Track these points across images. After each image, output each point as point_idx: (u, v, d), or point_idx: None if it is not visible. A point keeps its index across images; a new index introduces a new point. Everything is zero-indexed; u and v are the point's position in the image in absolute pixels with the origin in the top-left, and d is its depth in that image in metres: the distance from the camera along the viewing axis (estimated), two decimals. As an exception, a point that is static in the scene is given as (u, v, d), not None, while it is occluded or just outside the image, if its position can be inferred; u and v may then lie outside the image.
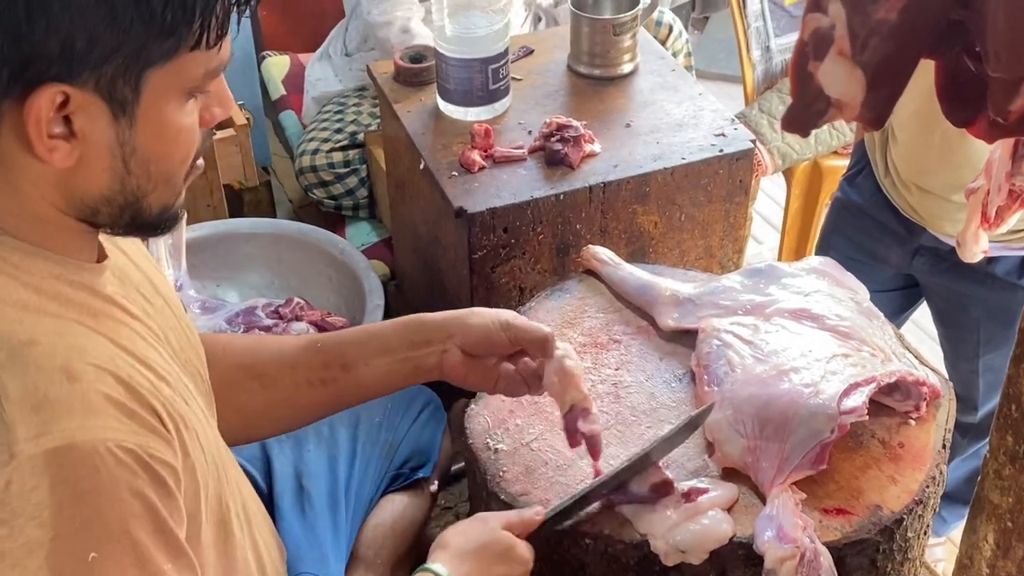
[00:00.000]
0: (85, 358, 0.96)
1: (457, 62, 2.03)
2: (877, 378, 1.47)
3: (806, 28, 1.11)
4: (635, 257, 2.01)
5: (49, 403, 0.92)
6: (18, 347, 0.94)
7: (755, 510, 1.41)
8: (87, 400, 0.94)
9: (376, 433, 1.74)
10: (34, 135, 0.96)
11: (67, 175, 1.00)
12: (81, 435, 0.93)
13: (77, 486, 0.92)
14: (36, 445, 0.91)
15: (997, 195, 1.51)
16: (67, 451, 0.92)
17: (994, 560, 1.33)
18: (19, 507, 0.90)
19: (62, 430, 0.92)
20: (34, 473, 0.90)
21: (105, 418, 0.95)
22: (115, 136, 1.00)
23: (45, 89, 0.95)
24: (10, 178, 1.00)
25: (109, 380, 0.97)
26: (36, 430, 0.91)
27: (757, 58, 2.75)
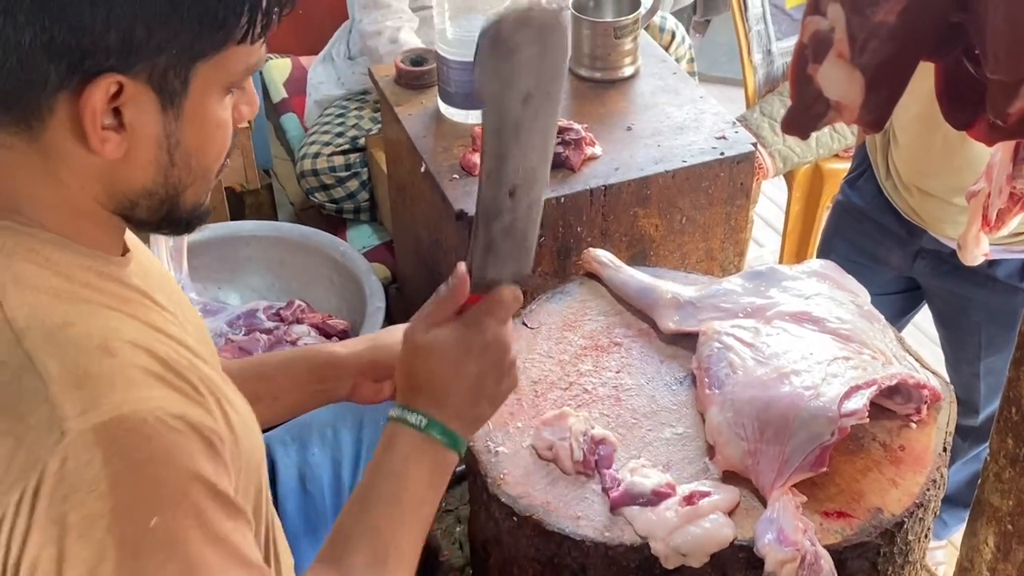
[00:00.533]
0: (120, 336, 0.97)
1: (458, 65, 2.03)
2: (878, 381, 1.47)
3: (805, 31, 1.11)
4: (636, 260, 2.01)
5: (91, 379, 0.93)
6: (53, 329, 0.95)
7: (756, 513, 1.41)
8: (127, 374, 0.95)
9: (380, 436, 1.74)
10: (89, 126, 0.97)
11: (113, 167, 1.01)
12: (128, 407, 0.93)
13: (131, 456, 0.92)
14: (84, 421, 0.91)
15: (998, 198, 1.51)
16: (116, 423, 0.92)
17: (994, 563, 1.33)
18: (77, 482, 0.90)
19: (108, 403, 0.93)
20: (87, 448, 0.91)
21: (148, 389, 0.95)
22: (162, 128, 1.01)
23: (102, 80, 0.96)
24: (54, 169, 1.01)
25: (145, 356, 0.97)
26: (82, 406, 0.92)
27: (758, 61, 2.75)
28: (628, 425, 1.55)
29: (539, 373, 1.64)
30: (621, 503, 1.42)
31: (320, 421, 1.76)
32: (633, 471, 1.44)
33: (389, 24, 2.64)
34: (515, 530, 1.45)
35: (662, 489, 1.41)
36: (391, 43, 2.61)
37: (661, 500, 1.41)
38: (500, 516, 1.47)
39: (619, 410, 1.57)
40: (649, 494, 1.41)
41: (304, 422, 1.75)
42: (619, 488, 1.42)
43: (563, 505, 1.44)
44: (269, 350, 2.26)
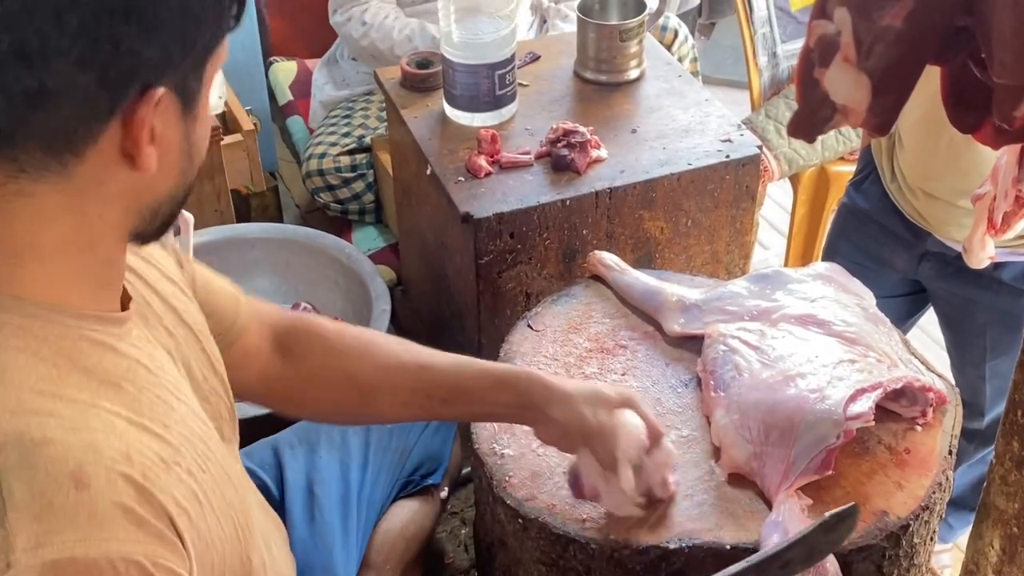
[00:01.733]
0: (99, 460, 0.92)
1: (464, 68, 2.04)
2: (883, 384, 1.47)
3: (812, 34, 1.12)
4: (641, 263, 2.01)
5: (53, 513, 0.89)
6: (30, 447, 0.90)
7: (761, 516, 1.41)
8: (94, 510, 0.90)
9: (388, 440, 1.75)
10: (142, 144, 0.94)
11: (143, 182, 0.98)
12: (81, 549, 0.89)
13: None
14: (34, 556, 0.87)
15: (1004, 201, 1.51)
16: (66, 564, 0.88)
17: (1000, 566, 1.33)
18: None
19: (63, 542, 0.88)
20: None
21: (112, 528, 0.91)
22: (183, 132, 0.99)
23: (150, 95, 0.93)
24: (79, 205, 0.96)
25: (121, 485, 0.93)
26: (36, 540, 0.87)
27: (764, 64, 2.75)
28: (633, 428, 1.55)
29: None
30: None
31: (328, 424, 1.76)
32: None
33: (355, 10, 2.69)
34: (521, 532, 1.45)
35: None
36: (361, 25, 2.67)
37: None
38: (506, 518, 1.47)
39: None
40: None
41: (312, 425, 1.75)
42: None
43: (568, 507, 1.44)
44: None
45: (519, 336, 1.71)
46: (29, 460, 0.90)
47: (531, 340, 1.70)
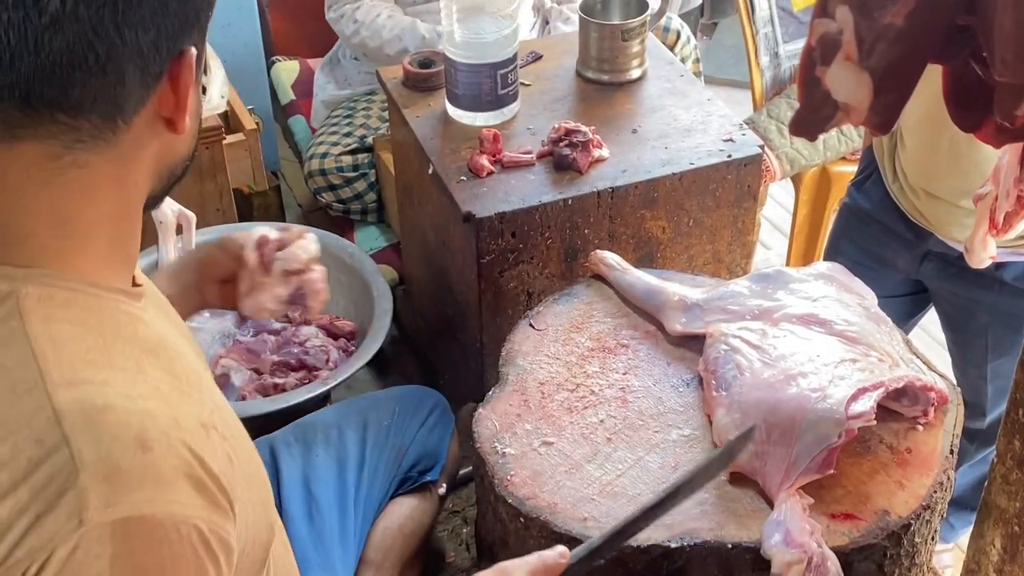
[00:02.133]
0: (157, 425, 0.95)
1: (466, 67, 2.04)
2: (885, 383, 1.47)
3: (814, 33, 1.12)
4: (643, 262, 2.01)
5: (121, 473, 0.91)
6: (93, 414, 0.93)
7: (763, 514, 1.41)
8: (159, 472, 0.93)
9: (384, 437, 1.75)
10: (183, 104, 0.99)
11: (169, 145, 1.02)
12: (150, 508, 0.92)
13: (138, 560, 0.91)
14: (105, 514, 0.90)
15: (1005, 201, 1.51)
16: (135, 523, 0.91)
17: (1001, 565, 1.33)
18: (80, 573, 0.89)
19: (132, 502, 0.91)
20: (99, 542, 0.90)
21: (176, 492, 0.94)
22: (196, 94, 1.03)
23: (187, 55, 0.98)
24: (122, 173, 1.00)
25: (181, 450, 0.96)
26: (106, 500, 0.90)
27: (766, 64, 2.75)
28: (635, 427, 1.55)
29: (546, 374, 1.64)
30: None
31: (325, 422, 1.77)
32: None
33: (348, 7, 2.71)
34: (522, 531, 1.45)
35: None
36: (353, 23, 2.69)
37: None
38: (507, 517, 1.48)
39: (626, 412, 1.58)
40: None
41: (309, 422, 1.76)
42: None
43: (570, 506, 1.44)
44: (277, 351, 2.27)
45: (521, 335, 1.71)
46: (95, 425, 0.92)
47: (533, 339, 1.70)
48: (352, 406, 1.84)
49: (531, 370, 1.65)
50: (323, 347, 2.23)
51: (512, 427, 1.56)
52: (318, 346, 2.24)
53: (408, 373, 2.50)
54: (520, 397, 1.60)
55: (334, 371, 2.18)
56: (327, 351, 2.24)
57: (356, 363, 2.14)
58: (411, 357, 2.53)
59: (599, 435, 1.54)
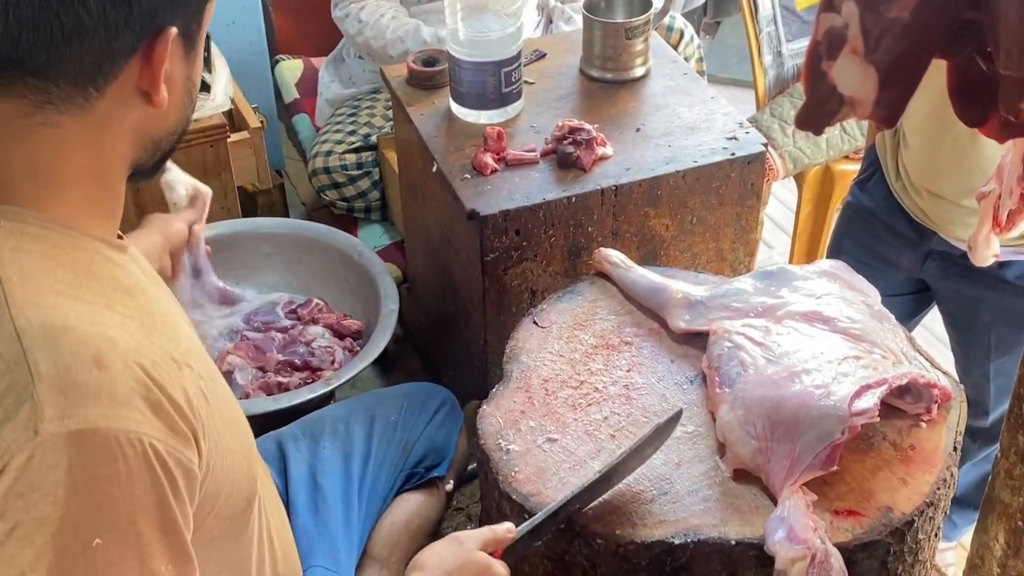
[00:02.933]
0: (116, 349, 0.98)
1: (470, 65, 2.04)
2: (888, 380, 1.47)
3: (820, 27, 1.12)
4: (647, 260, 2.01)
5: (77, 387, 0.94)
6: (53, 332, 0.96)
7: (766, 511, 1.42)
8: (114, 389, 0.96)
9: (391, 432, 1.75)
10: (157, 81, 1.02)
11: (153, 117, 1.05)
12: (105, 422, 0.94)
13: (94, 470, 0.93)
14: (60, 425, 0.92)
15: (1008, 199, 1.51)
16: (89, 435, 0.93)
17: (1005, 559, 1.33)
18: (37, 481, 0.91)
19: (87, 414, 0.93)
20: (55, 451, 0.92)
21: (130, 410, 0.96)
22: (186, 71, 1.07)
23: (166, 34, 1.00)
24: (98, 137, 1.04)
25: (138, 372, 0.98)
26: (62, 411, 0.93)
27: (769, 63, 2.75)
28: (639, 424, 1.56)
29: (550, 372, 1.64)
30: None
31: (332, 416, 1.77)
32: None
33: (353, 7, 2.71)
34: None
35: None
36: (357, 22, 2.69)
37: None
38: (511, 514, 1.48)
39: (630, 408, 1.58)
40: None
41: (316, 417, 1.77)
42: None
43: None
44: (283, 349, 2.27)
45: (525, 332, 1.72)
46: (54, 341, 0.95)
47: (537, 336, 1.71)
48: (360, 402, 1.85)
49: (535, 367, 1.65)
50: (329, 347, 2.24)
51: (516, 424, 1.56)
52: (324, 347, 2.24)
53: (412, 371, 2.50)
54: (524, 394, 1.61)
55: (338, 371, 2.18)
56: (332, 352, 2.24)
57: (360, 363, 2.14)
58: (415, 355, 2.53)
59: (603, 432, 1.54)
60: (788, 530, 1.36)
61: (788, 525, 1.36)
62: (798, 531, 1.35)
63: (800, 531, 1.35)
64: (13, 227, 1.00)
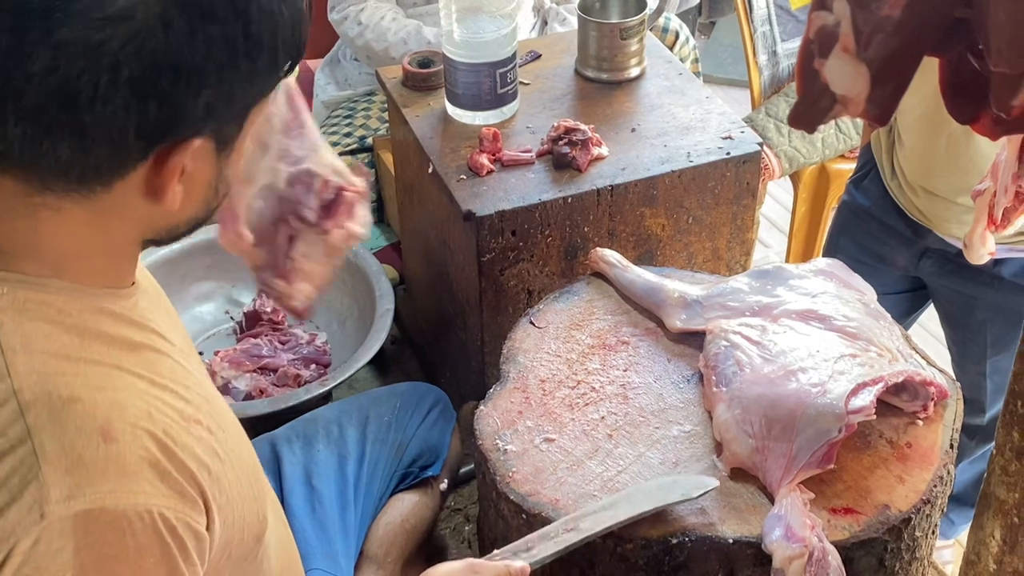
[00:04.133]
0: (124, 417, 0.96)
1: (465, 67, 2.04)
2: (884, 378, 1.47)
3: (812, 26, 1.12)
4: (643, 260, 2.02)
5: (84, 465, 0.92)
6: (59, 405, 0.94)
7: (763, 510, 1.42)
8: (122, 463, 0.94)
9: (385, 432, 1.76)
10: (168, 186, 0.97)
11: (167, 210, 1.00)
12: (112, 500, 0.93)
13: (101, 551, 0.92)
14: (67, 507, 0.91)
15: (1004, 197, 1.52)
16: (96, 515, 0.92)
17: (1001, 556, 1.34)
18: (43, 565, 0.90)
19: (94, 493, 0.92)
20: (61, 535, 0.91)
21: (139, 482, 0.95)
22: (216, 170, 1.01)
23: (187, 145, 0.95)
24: (103, 224, 0.99)
25: (146, 440, 0.96)
26: (68, 491, 0.91)
27: (764, 63, 2.76)
28: (636, 423, 1.56)
29: (547, 372, 1.64)
30: None
31: (326, 418, 1.78)
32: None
33: (352, 9, 2.71)
34: (524, 528, 1.46)
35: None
36: (357, 25, 2.69)
37: None
38: (509, 514, 1.48)
39: (627, 408, 1.58)
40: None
41: (309, 419, 1.77)
42: None
43: (571, 502, 1.45)
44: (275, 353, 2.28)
45: (521, 333, 1.72)
46: (59, 417, 0.93)
47: (533, 337, 1.71)
48: (353, 403, 1.85)
49: (532, 367, 1.65)
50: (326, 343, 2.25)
51: (513, 424, 1.56)
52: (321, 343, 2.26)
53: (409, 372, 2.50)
54: (521, 394, 1.61)
55: (335, 371, 2.18)
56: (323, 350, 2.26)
57: (357, 362, 2.14)
58: (412, 356, 2.53)
59: (600, 431, 1.55)
60: (785, 528, 1.36)
61: (785, 523, 1.36)
62: (795, 529, 1.35)
63: (797, 529, 1.35)
64: (17, 293, 0.98)
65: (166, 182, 0.96)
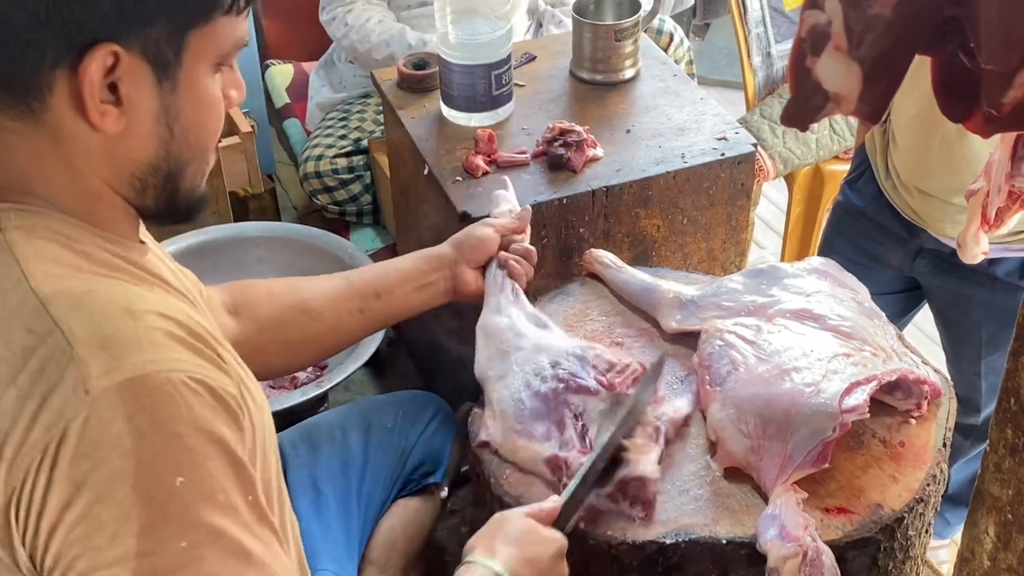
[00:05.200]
0: (144, 303, 0.98)
1: (461, 68, 2.04)
2: (878, 377, 1.47)
3: (804, 24, 1.13)
4: (638, 260, 2.02)
5: (116, 340, 0.94)
6: (78, 295, 0.96)
7: (758, 509, 1.42)
8: (151, 336, 0.96)
9: (388, 439, 1.76)
10: (88, 98, 0.99)
11: (116, 143, 1.03)
12: (152, 366, 0.94)
13: (154, 413, 0.93)
14: (108, 379, 0.92)
15: (997, 196, 1.52)
16: (139, 382, 0.93)
17: (995, 552, 1.34)
18: (100, 439, 0.91)
19: (132, 363, 0.93)
20: (110, 406, 0.91)
21: (172, 351, 0.96)
22: (159, 101, 1.03)
23: (98, 50, 0.97)
24: (63, 152, 1.02)
25: (169, 321, 0.98)
26: (106, 365, 0.92)
27: (758, 64, 2.76)
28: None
29: (542, 372, 1.64)
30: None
31: (329, 424, 1.78)
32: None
33: (339, 10, 2.72)
34: (519, 528, 1.46)
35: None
36: (344, 26, 2.70)
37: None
38: (505, 514, 1.48)
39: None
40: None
41: (313, 423, 1.77)
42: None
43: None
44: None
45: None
46: (81, 303, 0.95)
47: (528, 337, 1.71)
48: (355, 409, 1.85)
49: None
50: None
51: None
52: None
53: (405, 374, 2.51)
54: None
55: (331, 372, 2.18)
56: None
57: (353, 364, 2.14)
58: (408, 358, 2.54)
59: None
60: (780, 528, 1.36)
61: (780, 523, 1.36)
62: (790, 529, 1.35)
63: (792, 529, 1.35)
64: (25, 220, 1.00)
65: (83, 92, 0.98)
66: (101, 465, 0.91)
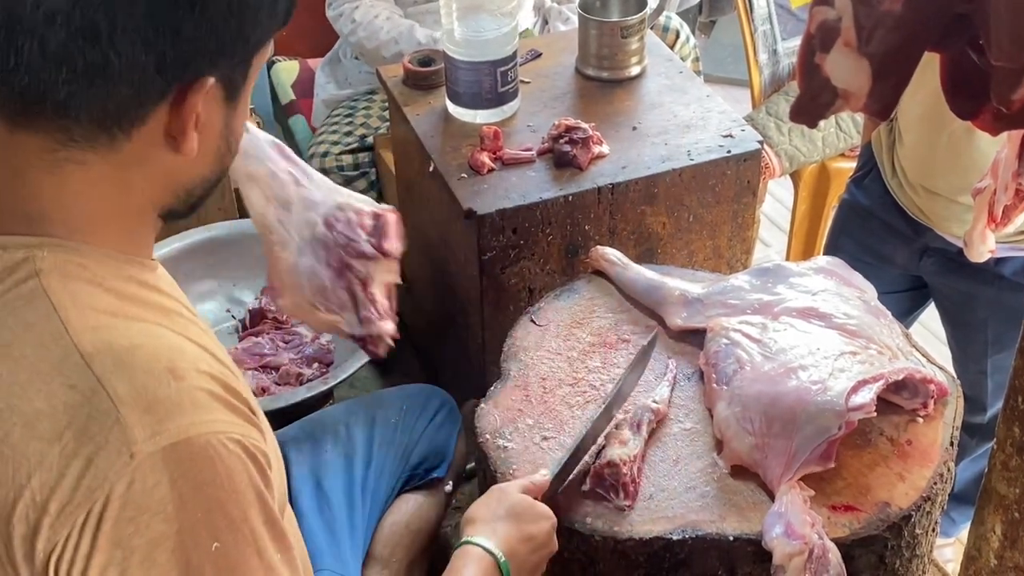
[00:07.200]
0: (184, 357, 0.99)
1: (466, 65, 2.04)
2: (885, 375, 1.47)
3: (813, 20, 1.13)
4: (644, 258, 2.02)
5: (160, 403, 0.94)
6: (121, 352, 0.96)
7: (764, 507, 1.42)
8: (194, 397, 0.97)
9: (392, 434, 1.76)
10: (187, 129, 1.00)
11: (184, 163, 1.04)
12: (194, 430, 0.95)
13: (196, 478, 0.94)
14: (153, 444, 0.93)
15: (1004, 195, 1.52)
16: (183, 446, 0.94)
17: (1002, 551, 1.34)
18: (143, 504, 0.92)
19: (176, 427, 0.94)
20: (154, 470, 0.92)
21: (213, 412, 0.97)
22: (224, 120, 1.05)
23: (200, 84, 0.98)
24: (126, 177, 1.02)
25: (208, 379, 0.99)
26: (151, 429, 0.93)
27: (764, 61, 2.76)
28: (636, 420, 1.56)
29: (547, 370, 1.64)
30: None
31: (333, 419, 1.78)
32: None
33: (347, 7, 2.72)
34: (524, 524, 1.46)
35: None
36: (351, 23, 2.70)
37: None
38: (509, 510, 1.48)
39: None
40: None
41: (316, 419, 1.77)
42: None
43: (572, 500, 1.45)
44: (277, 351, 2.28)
45: (522, 331, 1.72)
46: (125, 362, 0.96)
47: (534, 335, 1.71)
48: (359, 403, 1.85)
49: (532, 365, 1.65)
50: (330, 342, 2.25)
51: (514, 422, 1.56)
52: (325, 342, 2.26)
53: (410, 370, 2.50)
54: (522, 392, 1.61)
55: (336, 369, 2.18)
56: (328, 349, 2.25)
57: (358, 361, 2.14)
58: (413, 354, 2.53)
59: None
60: (786, 526, 1.36)
61: (786, 521, 1.36)
62: (796, 527, 1.35)
63: (798, 526, 1.35)
64: (57, 257, 1.00)
65: (185, 124, 1.00)
66: (145, 530, 0.92)
